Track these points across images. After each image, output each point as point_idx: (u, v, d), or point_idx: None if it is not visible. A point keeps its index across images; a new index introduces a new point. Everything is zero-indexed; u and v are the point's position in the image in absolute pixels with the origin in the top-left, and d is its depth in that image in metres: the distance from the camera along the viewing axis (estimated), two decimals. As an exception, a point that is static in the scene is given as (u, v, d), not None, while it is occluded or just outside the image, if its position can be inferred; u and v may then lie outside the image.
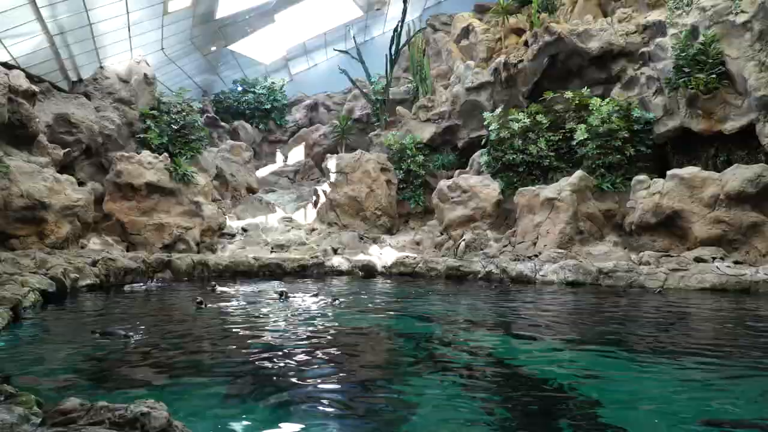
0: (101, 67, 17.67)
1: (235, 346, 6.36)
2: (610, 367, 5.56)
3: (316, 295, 10.30)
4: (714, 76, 14.18)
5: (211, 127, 25.69)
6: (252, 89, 29.90)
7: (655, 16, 16.96)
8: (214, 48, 24.96)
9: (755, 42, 13.66)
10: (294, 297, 10.08)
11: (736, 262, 12.15)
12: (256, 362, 5.57)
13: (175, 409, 3.85)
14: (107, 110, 17.27)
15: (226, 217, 18.56)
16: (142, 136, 17.78)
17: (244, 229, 18.25)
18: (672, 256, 12.95)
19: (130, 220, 15.54)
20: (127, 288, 11.60)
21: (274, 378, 5.07)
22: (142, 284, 12.08)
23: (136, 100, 18.12)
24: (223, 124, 28.24)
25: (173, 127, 18.34)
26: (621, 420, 4.06)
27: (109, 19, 16.08)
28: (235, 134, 28.11)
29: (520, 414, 4.32)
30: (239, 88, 30.17)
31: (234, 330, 7.23)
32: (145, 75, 18.51)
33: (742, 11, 13.95)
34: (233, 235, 17.72)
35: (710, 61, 14.23)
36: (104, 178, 16.03)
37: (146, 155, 16.13)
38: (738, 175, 12.80)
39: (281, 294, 10.10)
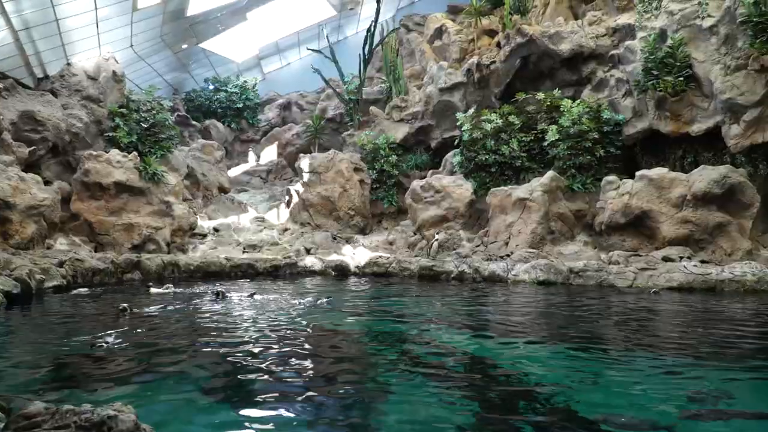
0: (68, 64, 17.31)
1: (200, 347, 6.27)
2: (580, 364, 5.61)
3: (252, 296, 10.12)
4: (681, 78, 14.46)
5: (182, 125, 25.37)
6: (224, 88, 29.62)
7: (624, 19, 17.23)
8: (185, 45, 24.65)
9: (721, 46, 13.97)
10: (231, 296, 9.97)
11: (702, 262, 12.40)
12: (225, 363, 5.50)
13: (145, 412, 3.77)
14: (74, 108, 16.92)
15: (198, 217, 18.34)
16: (110, 134, 17.47)
17: (216, 229, 18.05)
18: (641, 256, 13.16)
19: (99, 220, 15.26)
20: (74, 292, 10.97)
21: (244, 380, 5.01)
22: (86, 289, 11.30)
23: (105, 97, 17.79)
24: (194, 122, 27.91)
25: (143, 125, 18.06)
26: (592, 416, 4.10)
27: (76, 15, 15.76)
28: (206, 133, 27.81)
29: (492, 412, 4.33)
30: (211, 87, 29.86)
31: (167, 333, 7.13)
32: (114, 72, 18.19)
33: (709, 15, 14.25)
34: (204, 236, 17.51)
35: (678, 64, 14.51)
36: (71, 177, 15.70)
37: (115, 154, 15.85)
38: (704, 176, 13.06)
39: (218, 294, 9.97)
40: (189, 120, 27.66)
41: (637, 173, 14.25)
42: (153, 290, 10.89)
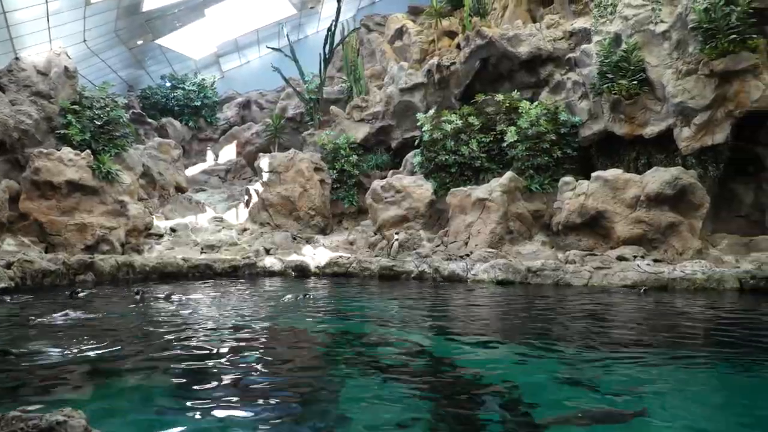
0: (17, 59, 16.70)
1: (151, 349, 6.12)
2: (538, 362, 5.68)
3: (169, 297, 9.90)
4: (635, 82, 14.82)
5: (137, 123, 24.82)
6: (181, 85, 29.08)
7: (580, 23, 17.58)
8: (140, 41, 24.11)
9: (673, 51, 14.38)
10: (149, 296, 9.79)
11: (655, 261, 12.72)
12: (178, 365, 5.38)
13: (97, 417, 3.66)
14: (24, 104, 16.34)
15: (154, 216, 17.95)
16: (62, 131, 16.93)
17: (173, 230, 17.69)
18: (596, 255, 13.43)
19: (49, 220, 14.78)
20: None
21: (199, 382, 4.90)
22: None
23: (56, 93, 17.23)
24: (150, 120, 27.33)
25: (96, 122, 17.57)
26: (549, 414, 4.15)
27: (25, 8, 15.25)
28: (163, 131, 27.26)
29: (450, 410, 4.35)
30: (167, 84, 29.28)
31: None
32: (66, 68, 17.63)
33: (662, 21, 14.66)
34: (161, 236, 17.15)
35: (632, 68, 14.87)
36: (20, 176, 15.16)
37: (67, 152, 15.38)
38: (657, 178, 13.40)
39: (137, 292, 9.87)
40: (145, 118, 27.06)
41: (593, 174, 14.53)
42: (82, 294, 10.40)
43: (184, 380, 4.98)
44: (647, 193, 13.38)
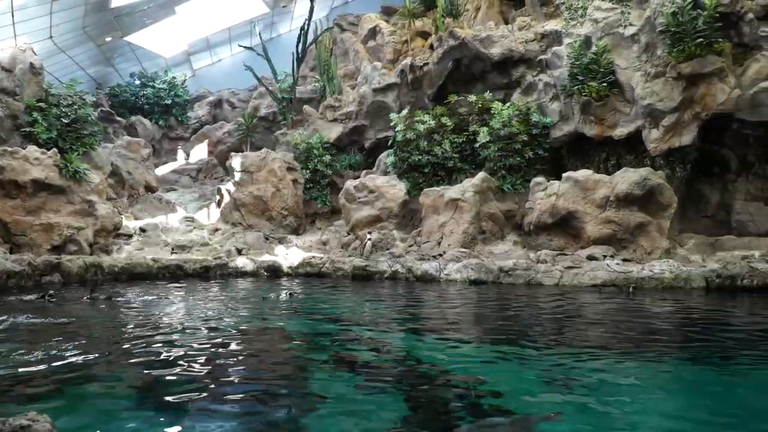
0: (-20, 54, 16.28)
1: (120, 351, 6.01)
2: (510, 360, 5.72)
3: (91, 298, 9.65)
4: (605, 84, 15.04)
5: (105, 122, 24.35)
6: (151, 83, 28.65)
7: (552, 25, 17.78)
8: (109, 38, 23.69)
9: (642, 53, 14.63)
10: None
11: (624, 260, 12.92)
12: (149, 368, 5.29)
13: (63, 422, 3.57)
14: (-13, 101, 15.92)
15: (123, 216, 17.64)
16: (27, 129, 16.53)
17: (143, 230, 17.41)
18: (567, 255, 13.59)
19: (14, 220, 14.41)
20: None
21: (169, 384, 4.82)
22: None
23: (21, 91, 16.81)
24: (119, 119, 26.86)
25: (63, 120, 17.19)
26: (519, 412, 4.17)
27: (-11, 3, 14.87)
28: (132, 130, 26.82)
29: (423, 410, 4.35)
30: (137, 82, 28.82)
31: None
32: (32, 64, 17.22)
33: (631, 24, 14.90)
34: (130, 236, 16.87)
35: (602, 70, 15.08)
36: (-16, 175, 14.75)
37: (33, 150, 15.01)
38: (626, 178, 13.62)
39: (90, 297, 9.67)
40: (113, 116, 26.59)
41: (564, 175, 14.70)
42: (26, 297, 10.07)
43: (147, 385, 4.89)
44: (617, 194, 13.58)
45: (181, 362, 5.48)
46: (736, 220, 14.57)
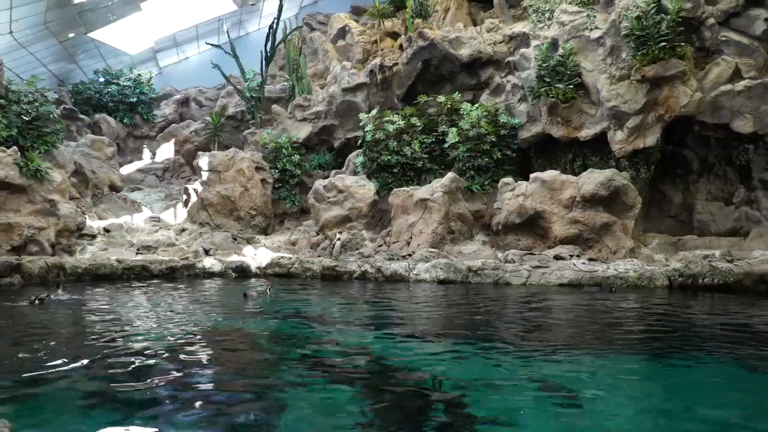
0: (-64, 49, 15.76)
1: (88, 353, 5.88)
2: (479, 360, 5.75)
3: (39, 300, 9.32)
4: (572, 86, 15.27)
5: (68, 119, 23.84)
6: (116, 81, 28.14)
7: (519, 27, 17.97)
8: (72, 34, 23.17)
9: (607, 56, 14.88)
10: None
11: (590, 260, 13.11)
12: (115, 370, 5.17)
13: (23, 427, 3.48)
14: (-57, 97, 15.42)
15: (86, 216, 17.24)
16: (-14, 127, 16.07)
17: (107, 230, 17.06)
18: (534, 254, 13.74)
19: (-28, 220, 13.97)
20: None
21: (138, 384, 4.73)
22: None
23: (-20, 87, 16.33)
24: (82, 116, 26.30)
25: (24, 118, 16.74)
26: (489, 411, 4.20)
27: (-55, -4, 14.40)
28: (96, 128, 26.29)
29: (392, 410, 4.34)
30: (101, 79, 28.26)
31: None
32: (-9, 60, 16.74)
33: (596, 27, 15.15)
34: (94, 236, 16.51)
35: (568, 72, 15.30)
36: (-61, 173, 14.28)
37: (-9, 148, 14.58)
38: (592, 179, 13.83)
39: (36, 300, 9.26)
40: (77, 114, 26.03)
41: (531, 175, 14.86)
42: None
43: (107, 390, 4.79)
44: (583, 194, 13.78)
45: (143, 367, 5.38)
46: (698, 219, 14.93)
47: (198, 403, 4.40)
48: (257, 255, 15.56)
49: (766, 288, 10.69)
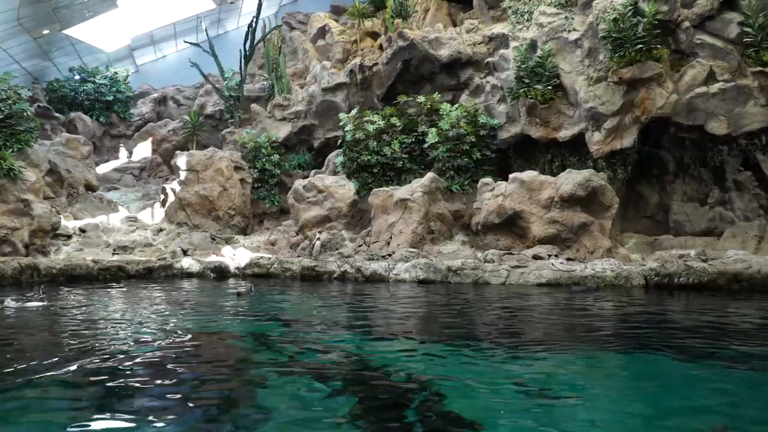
0: None
1: (64, 355, 5.78)
2: (457, 359, 5.76)
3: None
4: (550, 87, 15.39)
5: (43, 118, 23.44)
6: (91, 78, 27.74)
7: (499, 28, 18.07)
8: (46, 31, 22.78)
9: (585, 58, 15.03)
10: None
11: (568, 259, 13.23)
12: (91, 373, 5.09)
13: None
14: None
15: (61, 216, 16.97)
16: (-43, 124, 15.73)
17: (82, 230, 16.81)
18: (513, 254, 13.82)
19: (-58, 220, 13.69)
20: None
21: (112, 388, 4.66)
22: None
23: (-49, 83, 15.99)
24: (57, 115, 25.90)
25: (-4, 116, 16.42)
26: (466, 410, 4.21)
27: None
28: (71, 126, 25.91)
29: (372, 411, 4.33)
30: (77, 77, 27.83)
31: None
32: (-38, 56, 16.40)
33: (574, 29, 15.29)
34: (69, 236, 16.25)
35: (547, 73, 15.42)
36: None
37: (-37, 146, 14.29)
38: (570, 180, 13.95)
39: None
40: (51, 112, 25.62)
41: (511, 176, 14.94)
42: None
43: (81, 397, 4.71)
44: (561, 194, 13.89)
45: (120, 370, 5.30)
46: (674, 220, 15.14)
47: (174, 409, 4.35)
48: (236, 255, 15.45)
49: (739, 287, 10.88)
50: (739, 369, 5.39)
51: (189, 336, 6.99)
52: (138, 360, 5.62)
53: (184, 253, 15.82)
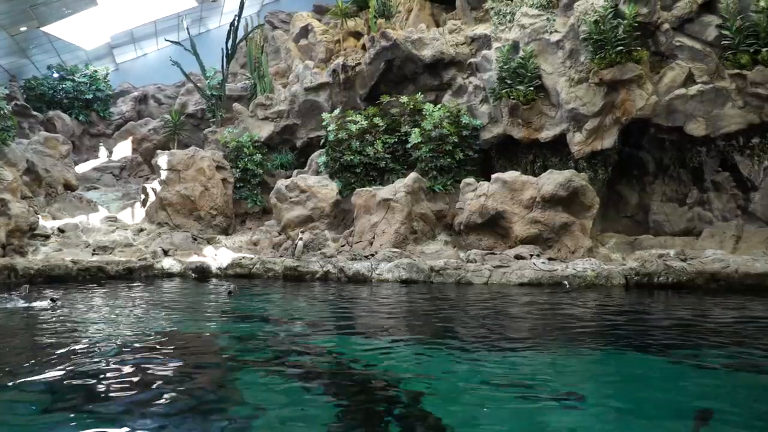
0: None
1: (43, 358, 5.70)
2: (440, 358, 5.78)
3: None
4: (532, 88, 15.49)
5: (20, 116, 23.11)
6: (70, 76, 27.37)
7: (481, 29, 18.14)
8: (24, 28, 22.44)
9: (566, 59, 15.15)
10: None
11: (550, 259, 13.32)
12: (71, 376, 5.02)
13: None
14: None
15: (39, 216, 16.73)
16: (-68, 122, 15.45)
17: (61, 230, 16.58)
18: (495, 254, 13.89)
19: None
20: None
21: (91, 392, 4.60)
22: None
23: (-75, 81, 15.70)
24: (35, 113, 25.53)
25: (-27, 114, 16.17)
26: (450, 409, 4.22)
27: None
28: (50, 125, 25.55)
29: (354, 412, 4.33)
30: (55, 75, 27.44)
31: None
32: (-63, 53, 16.10)
33: (556, 31, 15.41)
34: (48, 236, 16.02)
35: (529, 74, 15.52)
36: None
37: (-63, 145, 14.04)
38: (552, 180, 14.04)
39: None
40: (29, 110, 25.25)
41: (493, 176, 15.01)
42: None
43: (63, 400, 4.65)
44: (543, 195, 13.98)
45: (100, 373, 5.24)
46: (653, 220, 15.32)
47: (158, 413, 4.30)
48: (218, 255, 15.34)
49: (717, 286, 11.04)
50: (715, 366, 5.47)
51: (170, 337, 6.93)
52: (117, 362, 5.55)
53: (165, 253, 15.68)
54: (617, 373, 5.43)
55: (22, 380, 4.95)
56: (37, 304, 9.03)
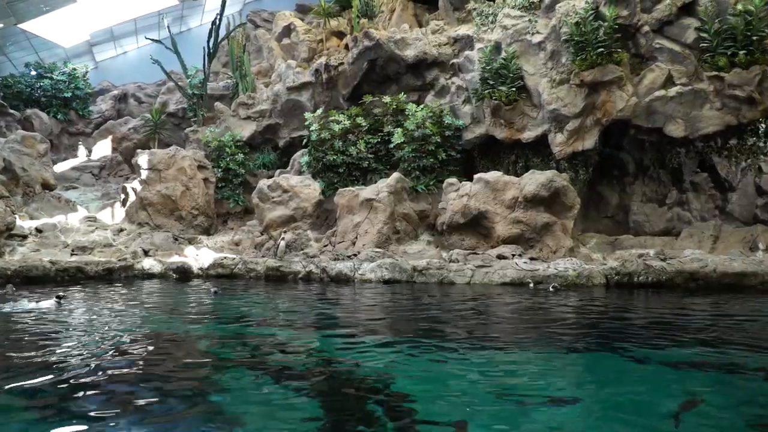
0: None
1: (20, 363, 5.61)
2: (423, 359, 5.78)
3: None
4: (514, 89, 15.58)
5: (-3, 114, 22.69)
6: (48, 74, 27.00)
7: (464, 30, 18.21)
8: (1, 25, 22.06)
9: (548, 61, 15.25)
10: None
11: (531, 259, 13.40)
12: (52, 381, 4.95)
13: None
14: None
15: (16, 216, 16.46)
16: None
17: (39, 230, 16.32)
18: (478, 254, 13.94)
19: None
20: None
21: (72, 394, 4.54)
22: None
23: None
24: (12, 111, 25.15)
25: (-52, 112, 15.87)
26: (433, 409, 4.23)
27: None
28: (27, 124, 25.18)
29: (338, 411, 4.32)
30: (33, 73, 27.05)
31: None
32: None
33: (538, 32, 15.51)
34: (25, 237, 15.76)
35: (511, 75, 15.60)
36: None
37: None
38: (534, 180, 14.13)
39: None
40: (6, 108, 24.87)
41: (475, 176, 15.06)
42: None
43: (40, 406, 4.58)
44: (525, 195, 14.06)
45: (80, 377, 5.17)
46: (633, 220, 15.49)
47: (135, 413, 4.26)
48: (199, 256, 15.22)
49: (696, 285, 11.19)
50: (695, 364, 5.54)
51: (151, 338, 6.87)
52: (98, 366, 5.48)
53: (146, 253, 15.52)
54: (598, 372, 5.48)
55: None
56: (44, 304, 8.90)
